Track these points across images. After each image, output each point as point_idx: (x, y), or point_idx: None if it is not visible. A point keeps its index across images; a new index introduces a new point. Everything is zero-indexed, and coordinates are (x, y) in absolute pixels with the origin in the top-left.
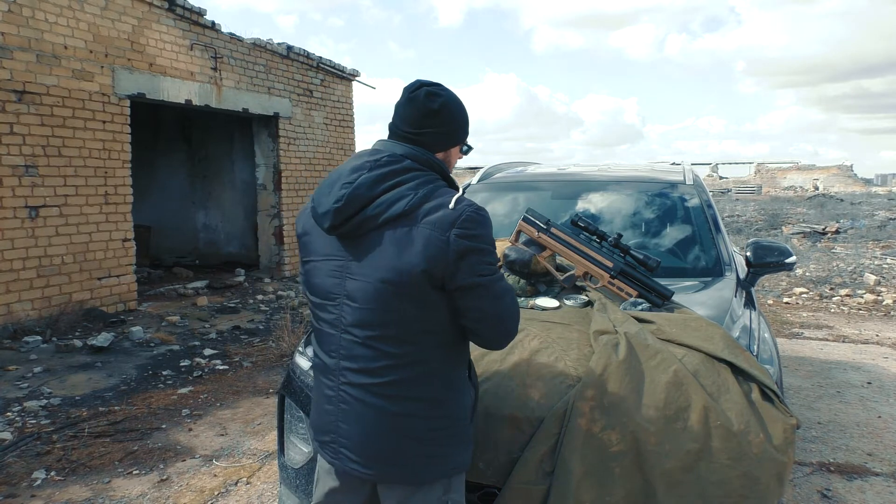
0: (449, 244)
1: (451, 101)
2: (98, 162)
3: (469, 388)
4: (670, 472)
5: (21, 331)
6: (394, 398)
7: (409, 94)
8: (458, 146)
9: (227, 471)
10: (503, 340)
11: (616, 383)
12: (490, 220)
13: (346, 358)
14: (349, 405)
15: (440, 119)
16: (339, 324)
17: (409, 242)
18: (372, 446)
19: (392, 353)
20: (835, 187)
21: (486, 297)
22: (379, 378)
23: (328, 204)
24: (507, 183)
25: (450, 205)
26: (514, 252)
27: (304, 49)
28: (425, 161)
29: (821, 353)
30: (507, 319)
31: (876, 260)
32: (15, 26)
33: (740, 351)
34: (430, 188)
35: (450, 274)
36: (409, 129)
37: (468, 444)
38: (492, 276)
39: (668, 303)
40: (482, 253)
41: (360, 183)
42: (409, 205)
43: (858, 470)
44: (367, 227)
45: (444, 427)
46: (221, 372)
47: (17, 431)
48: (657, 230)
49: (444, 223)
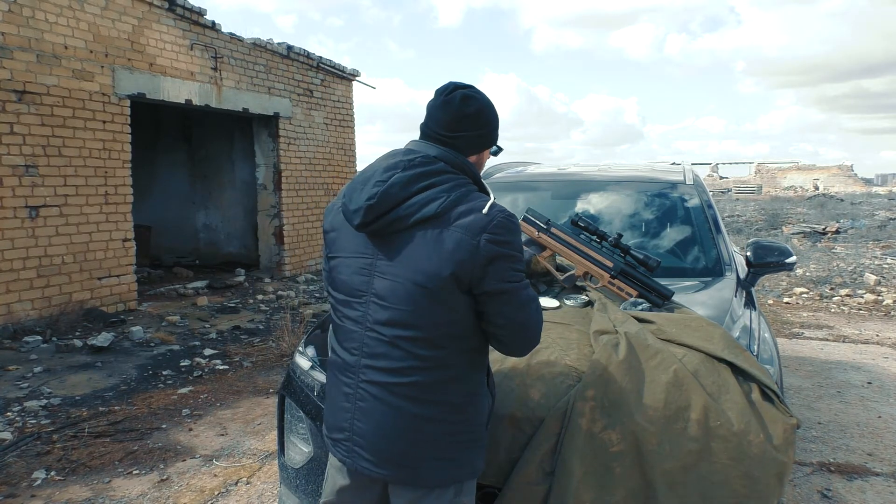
0: (479, 248)
1: (485, 104)
2: (98, 162)
3: (488, 394)
4: (671, 472)
5: (21, 331)
6: (415, 400)
7: (444, 96)
8: (489, 148)
9: (227, 471)
10: (525, 348)
11: (616, 383)
12: (519, 227)
13: (369, 356)
14: (367, 403)
15: (475, 123)
16: (364, 321)
17: (439, 245)
18: (387, 446)
19: (419, 354)
20: (835, 187)
21: (511, 303)
22: (403, 378)
23: (360, 201)
24: (507, 183)
25: (483, 210)
26: None
27: (304, 49)
28: (458, 164)
29: (821, 353)
30: (531, 327)
31: (876, 260)
32: (15, 26)
33: (740, 351)
34: (462, 191)
35: (477, 278)
36: (444, 131)
37: (482, 450)
38: (518, 283)
39: (668, 303)
40: (511, 259)
41: (393, 182)
42: (441, 207)
43: (859, 470)
44: (397, 226)
45: (461, 432)
46: (221, 372)
47: (17, 431)
48: (657, 230)
49: (475, 227)
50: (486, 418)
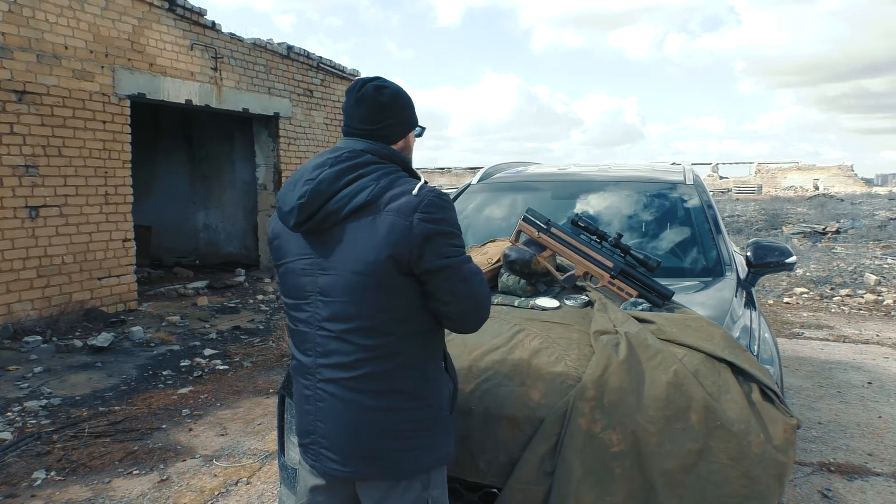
0: (412, 228)
1: (397, 89)
2: (98, 162)
3: (446, 379)
4: (671, 472)
5: (21, 331)
6: (369, 392)
7: (356, 93)
8: (412, 131)
9: (227, 471)
10: (475, 322)
11: (616, 383)
12: (453, 205)
13: (322, 355)
14: (326, 402)
15: (393, 109)
16: (313, 321)
17: (373, 231)
18: (349, 443)
19: (366, 345)
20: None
21: (454, 278)
22: (354, 371)
23: (292, 201)
24: (507, 183)
25: (412, 191)
26: (514, 252)
27: (304, 49)
28: (385, 154)
29: (821, 353)
30: (478, 300)
31: (876, 260)
32: (15, 26)
33: (741, 351)
34: (391, 178)
35: (416, 258)
36: (367, 125)
37: (449, 435)
38: (458, 258)
39: (668, 303)
40: (447, 235)
41: (321, 178)
42: (371, 195)
43: (859, 470)
44: (331, 221)
45: (421, 419)
46: (222, 372)
47: (17, 431)
48: (657, 230)
49: (407, 208)
50: (448, 403)
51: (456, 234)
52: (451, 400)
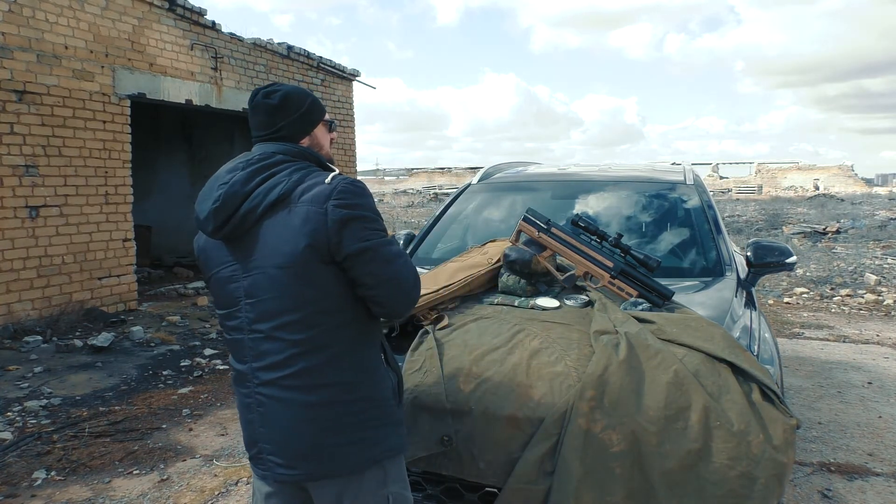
0: (328, 215)
1: (288, 90)
2: (98, 162)
3: (387, 370)
4: (671, 472)
5: (21, 331)
6: (304, 388)
7: (251, 104)
8: (317, 126)
9: (227, 471)
10: (403, 305)
11: (616, 383)
12: (368, 191)
13: (256, 358)
14: (265, 406)
15: (285, 110)
16: (244, 326)
17: (290, 223)
18: (292, 444)
19: (295, 340)
20: (835, 187)
21: (376, 260)
22: (287, 369)
23: (207, 207)
24: (507, 183)
25: (325, 181)
26: (514, 252)
27: (304, 49)
28: (297, 153)
29: (821, 354)
30: (403, 281)
31: (877, 260)
32: (15, 26)
33: (741, 351)
34: (303, 173)
35: (335, 244)
36: (266, 130)
37: (396, 426)
38: (378, 241)
39: (668, 303)
40: (364, 220)
41: (234, 181)
42: (284, 189)
43: (859, 470)
44: (249, 221)
45: (362, 410)
46: (222, 372)
47: (17, 431)
48: (658, 230)
49: (320, 197)
50: (392, 395)
51: (373, 218)
52: (397, 391)
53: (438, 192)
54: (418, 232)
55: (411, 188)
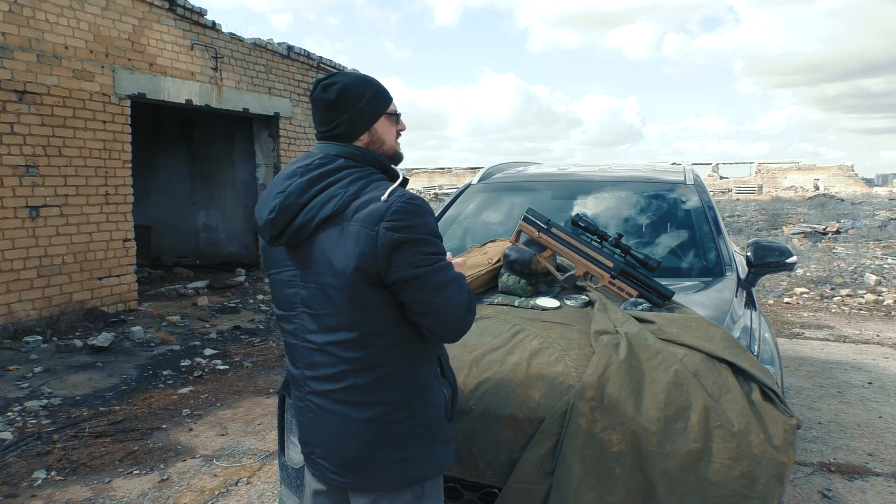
0: (378, 238)
1: (348, 82)
2: (98, 162)
3: (441, 386)
4: (671, 472)
5: (21, 331)
6: (356, 403)
7: (311, 96)
8: (380, 119)
9: (227, 471)
10: (453, 333)
11: (616, 383)
12: (429, 209)
13: (308, 367)
14: (315, 414)
15: (343, 104)
16: (299, 333)
17: (342, 242)
18: (342, 454)
19: (347, 357)
20: (835, 187)
21: (426, 288)
22: (338, 384)
23: (264, 216)
24: (507, 183)
25: (382, 197)
26: (514, 252)
27: (304, 49)
28: (360, 157)
29: (821, 353)
30: (454, 310)
31: (877, 260)
32: (16, 26)
33: (741, 351)
34: (362, 183)
35: (384, 269)
36: (324, 127)
37: (446, 443)
38: (431, 267)
39: (668, 303)
40: (417, 244)
41: (291, 190)
42: (338, 204)
43: (859, 470)
44: (303, 233)
45: (414, 429)
46: (222, 372)
47: (17, 431)
48: (658, 230)
49: (373, 217)
50: (443, 411)
51: (428, 240)
52: (450, 406)
53: (438, 192)
54: None
55: (412, 188)
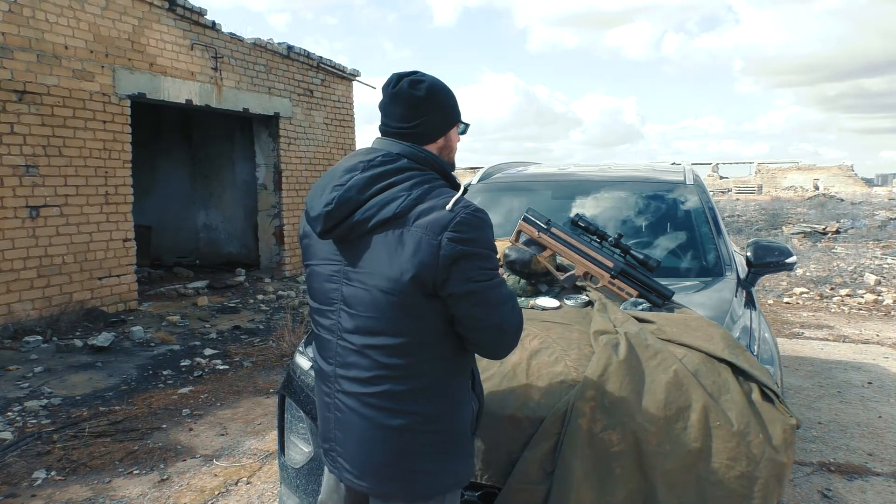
0: (440, 248)
1: (435, 82)
2: (99, 162)
3: (471, 400)
4: (671, 472)
5: (22, 331)
6: (387, 410)
7: (391, 89)
8: (454, 127)
9: (227, 471)
10: (502, 351)
11: (616, 383)
12: (490, 222)
13: (342, 365)
14: (343, 414)
15: (432, 103)
16: (335, 330)
17: (400, 247)
18: (365, 459)
19: (387, 363)
20: (835, 187)
21: (482, 304)
22: (372, 388)
23: (319, 207)
24: (507, 183)
25: (446, 206)
26: (514, 252)
27: (304, 49)
28: (424, 159)
29: (821, 353)
30: (507, 329)
31: (876, 260)
32: (15, 26)
33: (741, 351)
34: (425, 188)
35: (441, 280)
36: (403, 123)
37: (468, 458)
38: (488, 283)
39: (668, 303)
40: (477, 258)
41: (351, 185)
42: (400, 207)
43: (859, 470)
44: (359, 230)
45: (440, 442)
46: (222, 372)
47: (17, 431)
48: (658, 230)
49: (436, 226)
50: (470, 425)
51: (488, 255)
52: (476, 420)
53: None
54: None
55: None
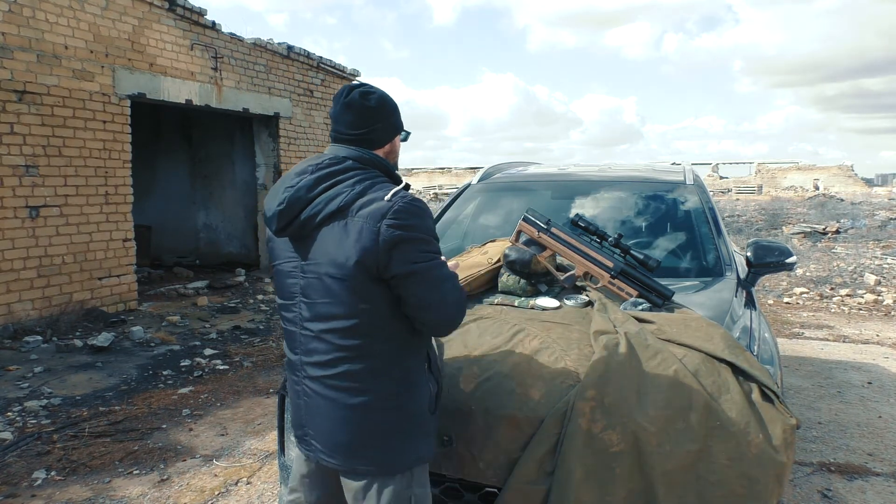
0: (380, 234)
1: (383, 94)
2: (98, 162)
3: (428, 381)
4: (670, 472)
5: (21, 331)
6: (347, 390)
7: (344, 99)
8: (398, 135)
9: (227, 471)
10: (445, 328)
11: (616, 383)
12: (428, 211)
13: (305, 353)
14: (311, 398)
15: (379, 113)
16: (297, 321)
17: (345, 236)
18: (333, 437)
19: (342, 345)
20: (835, 187)
21: (422, 284)
22: (332, 370)
23: (273, 208)
24: (507, 183)
25: (385, 197)
26: (514, 252)
27: (304, 49)
28: (369, 161)
29: (821, 353)
30: (448, 306)
31: (876, 260)
32: (15, 26)
33: (741, 351)
34: (367, 184)
35: (383, 264)
36: (354, 130)
37: (427, 437)
38: (428, 263)
39: (668, 303)
40: (416, 242)
41: (300, 186)
42: (344, 201)
43: (859, 470)
44: (309, 226)
45: (400, 420)
46: (222, 372)
47: (17, 431)
48: (658, 230)
49: (376, 214)
50: (428, 405)
51: (426, 240)
52: (435, 401)
53: (438, 191)
54: None
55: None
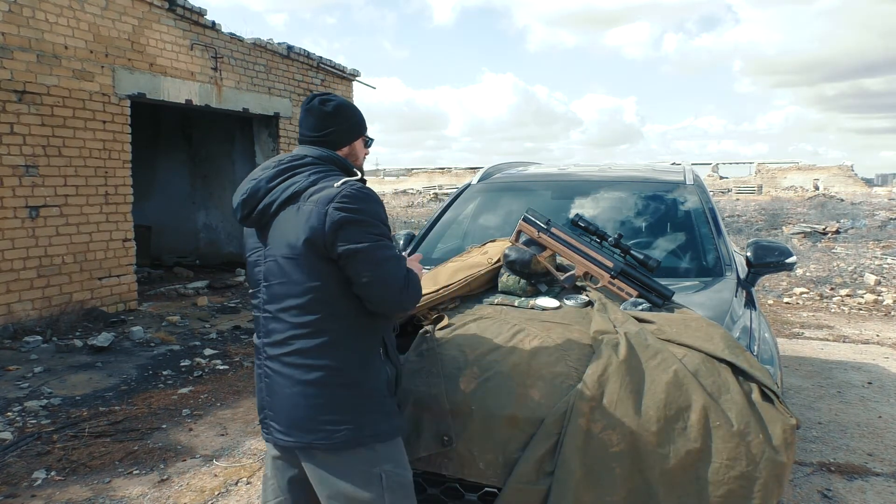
0: (327, 215)
1: (342, 102)
2: (98, 162)
3: (383, 364)
4: (670, 472)
5: (21, 331)
6: (301, 366)
7: (306, 106)
8: (359, 139)
9: (227, 471)
10: (391, 305)
11: (616, 383)
12: (376, 198)
13: (265, 335)
14: (270, 378)
15: (336, 118)
16: (260, 305)
17: (297, 218)
18: (289, 414)
19: (295, 322)
20: (835, 187)
21: (367, 262)
22: (287, 347)
23: (238, 199)
24: (507, 183)
25: (335, 185)
26: (514, 252)
27: (304, 49)
28: (326, 158)
29: (821, 353)
30: (392, 284)
31: (876, 260)
32: (15, 26)
33: (741, 351)
34: (321, 175)
35: (330, 243)
36: (313, 133)
37: (385, 415)
38: (372, 244)
39: (668, 303)
40: (361, 224)
41: (261, 178)
42: (297, 188)
43: (859, 470)
44: (267, 214)
45: (353, 396)
46: (222, 372)
47: (17, 431)
48: (658, 230)
49: (325, 199)
50: (385, 386)
51: (371, 223)
52: (393, 385)
53: (438, 191)
54: (418, 232)
55: (411, 188)
